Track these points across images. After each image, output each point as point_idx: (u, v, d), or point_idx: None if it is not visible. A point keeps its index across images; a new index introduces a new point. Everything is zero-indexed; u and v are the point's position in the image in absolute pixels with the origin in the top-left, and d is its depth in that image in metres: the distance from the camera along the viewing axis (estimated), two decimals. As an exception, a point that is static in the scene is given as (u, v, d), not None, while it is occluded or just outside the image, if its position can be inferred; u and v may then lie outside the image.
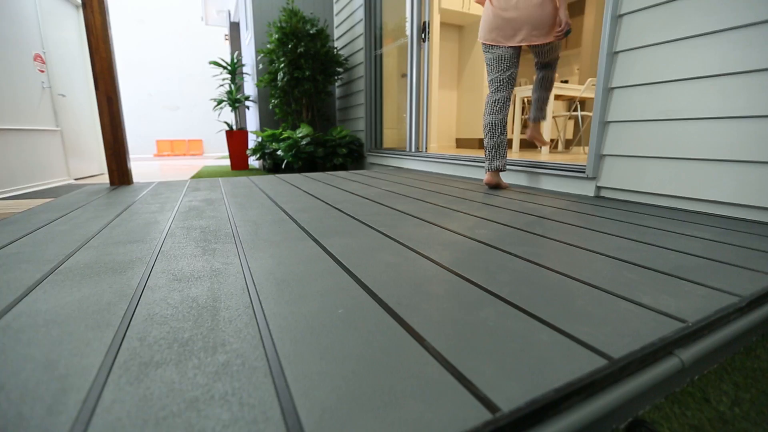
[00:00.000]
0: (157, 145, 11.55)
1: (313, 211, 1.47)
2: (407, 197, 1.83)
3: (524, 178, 2.21)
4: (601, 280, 0.77)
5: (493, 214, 1.43)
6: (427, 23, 3.11)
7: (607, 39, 1.67)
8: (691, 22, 1.41)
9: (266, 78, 4.24)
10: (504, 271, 0.82)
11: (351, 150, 4.13)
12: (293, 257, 0.91)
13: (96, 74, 2.35)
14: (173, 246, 1.02)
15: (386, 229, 1.19)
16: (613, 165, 1.73)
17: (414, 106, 3.29)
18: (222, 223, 1.30)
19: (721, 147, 1.37)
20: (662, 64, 1.51)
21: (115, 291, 0.72)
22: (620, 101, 1.67)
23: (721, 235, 1.14)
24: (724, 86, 1.35)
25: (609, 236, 1.11)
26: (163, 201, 1.78)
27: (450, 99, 5.85)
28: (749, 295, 0.72)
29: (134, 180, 2.71)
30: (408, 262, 0.87)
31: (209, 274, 0.80)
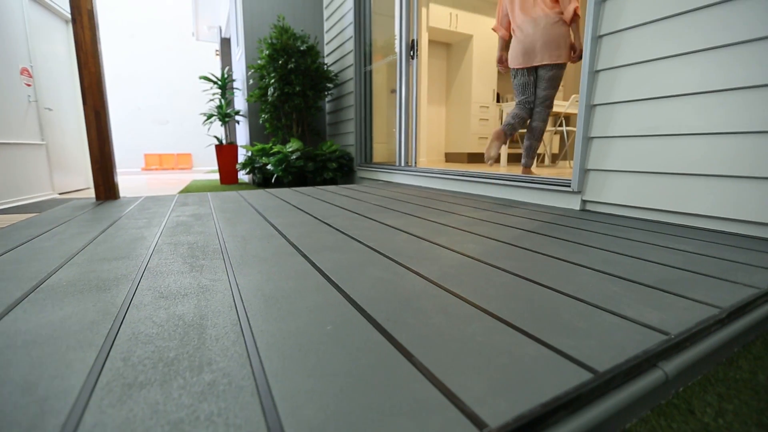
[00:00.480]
0: (145, 159, 11.44)
1: (302, 226, 1.47)
2: (396, 212, 1.84)
3: (512, 192, 2.25)
4: (587, 294, 0.78)
5: (481, 228, 1.45)
6: (415, 41, 3.18)
7: (588, 58, 1.73)
8: (667, 43, 1.48)
9: (257, 93, 4.27)
10: (491, 285, 0.83)
11: (341, 164, 4.15)
12: (282, 273, 0.91)
13: (84, 89, 2.34)
14: (160, 262, 1.01)
15: (375, 243, 1.20)
16: (597, 179, 1.77)
17: (403, 121, 3.34)
18: (210, 238, 1.29)
19: (699, 162, 1.42)
20: (641, 82, 1.57)
21: (99, 309, 0.71)
22: (602, 118, 1.73)
23: (701, 247, 1.17)
24: (700, 104, 1.41)
25: (594, 249, 1.13)
26: (150, 216, 1.76)
27: (439, 114, 5.95)
28: (729, 306, 0.74)
29: (121, 194, 2.68)
30: (396, 278, 0.87)
31: (196, 291, 0.79)
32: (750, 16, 1.26)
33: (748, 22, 1.27)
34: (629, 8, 1.58)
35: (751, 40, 1.27)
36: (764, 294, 0.83)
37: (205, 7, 7.98)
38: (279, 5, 4.63)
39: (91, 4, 2.32)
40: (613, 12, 1.65)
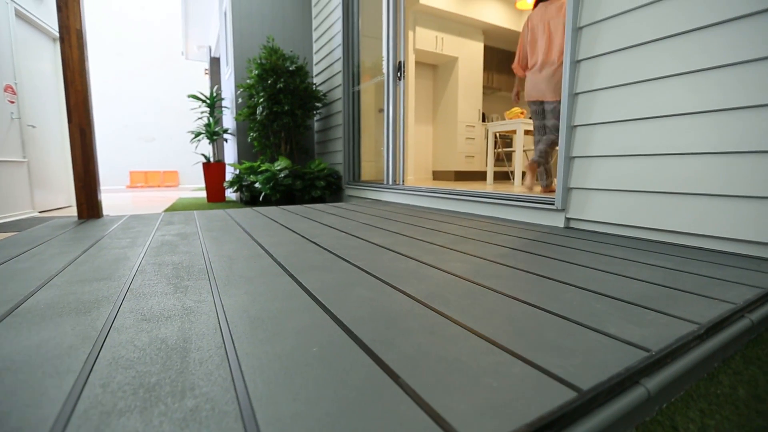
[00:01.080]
0: (131, 177, 11.29)
1: (289, 246, 1.47)
2: (384, 230, 1.85)
3: (498, 210, 2.28)
4: (571, 311, 0.80)
5: (468, 246, 1.47)
6: (402, 63, 3.27)
7: (568, 81, 1.80)
8: (640, 68, 1.55)
9: (245, 112, 4.30)
10: (477, 304, 0.84)
11: (329, 182, 4.17)
12: (268, 294, 0.90)
13: (70, 107, 2.32)
14: (143, 283, 0.99)
15: (363, 263, 1.20)
16: (579, 197, 1.82)
17: (391, 140, 3.39)
18: (196, 258, 1.27)
19: (675, 181, 1.47)
20: (618, 105, 1.64)
21: (78, 333, 0.69)
22: (583, 138, 1.79)
23: (680, 263, 1.21)
24: (674, 126, 1.47)
25: (578, 267, 1.16)
26: (134, 235, 1.73)
27: (426, 133, 6.06)
28: (707, 322, 0.76)
29: (104, 213, 2.63)
30: (384, 297, 0.88)
31: (180, 313, 0.78)
32: (719, 43, 1.34)
33: (716, 49, 1.34)
34: (604, 35, 1.67)
35: (720, 66, 1.34)
36: (740, 309, 0.86)
37: (195, 27, 8.07)
38: (269, 26, 4.71)
39: (80, 23, 2.33)
40: (589, 38, 1.73)
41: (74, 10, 2.31)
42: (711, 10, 1.34)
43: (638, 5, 1.54)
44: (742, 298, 0.90)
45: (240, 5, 4.53)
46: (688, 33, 1.41)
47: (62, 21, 2.29)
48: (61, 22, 2.29)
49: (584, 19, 1.74)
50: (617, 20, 1.62)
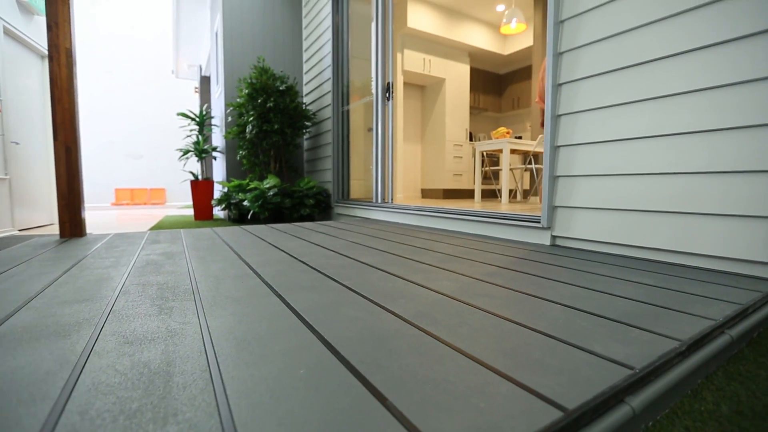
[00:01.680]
0: (116, 194, 11.11)
1: (277, 265, 1.46)
2: (373, 249, 1.85)
3: (486, 228, 2.31)
4: (557, 330, 0.81)
5: (456, 265, 1.48)
6: (390, 84, 3.34)
7: (550, 104, 1.87)
8: (618, 92, 1.62)
9: (235, 130, 4.31)
10: (464, 324, 0.84)
11: (318, 201, 4.17)
12: (255, 315, 0.89)
13: (56, 124, 2.30)
14: (126, 305, 0.97)
15: (351, 282, 1.19)
16: (564, 216, 1.86)
17: (380, 159, 3.43)
18: (181, 278, 1.25)
19: (654, 199, 1.52)
20: (598, 126, 1.70)
21: (56, 358, 0.67)
22: (566, 158, 1.84)
23: (662, 280, 1.23)
24: (651, 146, 1.53)
25: (564, 285, 1.17)
26: (118, 255, 1.70)
27: (415, 152, 6.14)
28: (688, 339, 0.78)
29: (88, 231, 2.57)
30: (372, 317, 0.87)
31: (164, 336, 0.76)
32: (690, 70, 1.41)
33: (687, 76, 1.42)
34: (583, 61, 1.74)
35: (692, 91, 1.41)
36: (721, 325, 0.88)
37: (186, 47, 8.15)
38: (260, 47, 4.79)
39: (69, 42, 2.34)
40: (569, 63, 1.80)
41: (64, 29, 2.32)
42: (682, 38, 1.42)
43: (613, 33, 1.62)
44: (721, 315, 0.92)
45: (231, 26, 4.61)
46: (661, 60, 1.48)
47: (52, 40, 2.30)
48: (51, 41, 2.30)
49: (563, 45, 1.82)
50: (594, 47, 1.70)
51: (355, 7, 4.02)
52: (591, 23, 1.71)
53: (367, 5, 3.77)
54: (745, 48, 1.28)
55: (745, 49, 1.28)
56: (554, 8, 1.84)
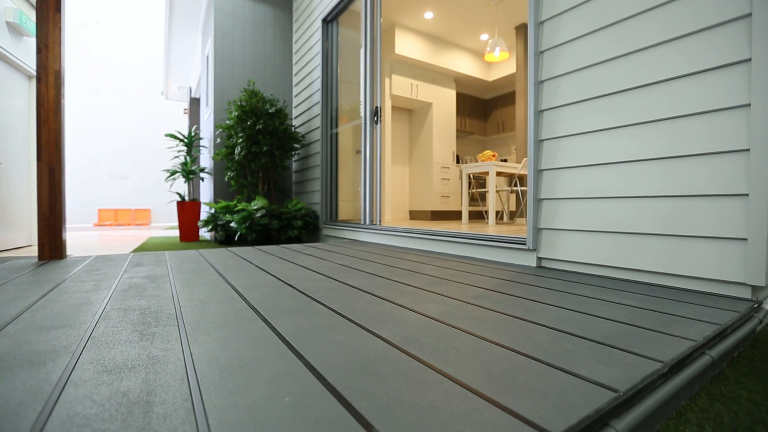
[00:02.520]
0: (99, 214, 10.88)
1: (264, 288, 1.44)
2: (360, 271, 1.85)
3: (473, 250, 2.33)
4: (543, 353, 0.81)
5: (443, 287, 1.48)
6: (379, 108, 3.42)
7: (533, 129, 1.93)
8: (596, 119, 1.69)
9: (223, 151, 4.31)
10: (451, 347, 0.84)
11: (306, 222, 4.16)
12: (240, 340, 0.87)
13: (41, 144, 2.28)
14: (106, 331, 0.94)
15: (338, 306, 1.19)
16: (549, 238, 1.89)
17: (368, 181, 3.46)
18: (165, 302, 1.23)
19: (633, 222, 1.57)
20: (578, 151, 1.76)
21: (30, 388, 0.65)
22: (549, 181, 1.89)
23: (644, 301, 1.26)
24: (628, 171, 1.59)
25: (549, 306, 1.19)
26: (99, 278, 1.66)
27: (403, 174, 6.21)
28: (670, 360, 0.79)
29: (68, 253, 2.50)
30: (359, 342, 0.87)
31: (145, 363, 0.74)
32: (657, 100, 1.49)
33: (655, 105, 1.49)
34: (562, 89, 1.82)
35: (660, 120, 1.48)
36: (701, 346, 0.90)
37: (176, 69, 8.22)
38: (250, 70, 4.86)
39: (59, 64, 2.35)
40: (550, 91, 1.88)
41: (54, 51, 2.33)
42: (650, 71, 1.50)
43: (589, 64, 1.71)
44: (701, 335, 0.94)
45: (222, 50, 4.69)
46: (632, 90, 1.56)
47: (41, 62, 2.30)
48: (40, 63, 2.30)
49: (544, 74, 1.90)
50: (572, 76, 1.78)
51: (345, 33, 4.15)
52: (568, 54, 1.80)
53: (356, 32, 3.89)
54: (704, 80, 1.36)
55: (704, 82, 1.36)
56: (534, 40, 1.93)
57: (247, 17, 4.84)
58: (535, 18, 1.93)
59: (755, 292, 1.30)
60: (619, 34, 1.61)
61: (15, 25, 3.94)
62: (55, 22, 2.33)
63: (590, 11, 1.71)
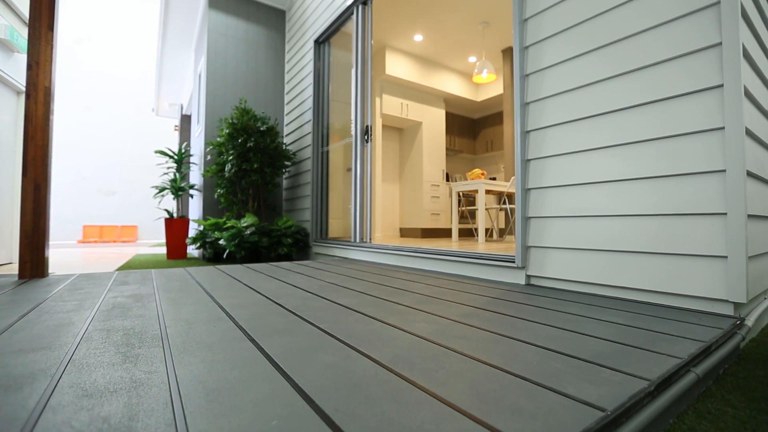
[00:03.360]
0: (84, 231, 10.65)
1: (252, 307, 1.42)
2: (350, 290, 1.84)
3: (462, 268, 2.34)
4: (531, 372, 0.81)
5: (433, 306, 1.48)
6: (369, 126, 3.47)
7: (520, 149, 1.98)
8: (581, 140, 1.74)
9: (213, 168, 4.30)
10: (441, 367, 0.84)
11: (296, 240, 4.14)
12: (227, 361, 0.86)
13: (27, 160, 2.25)
14: (88, 353, 0.92)
15: (327, 325, 1.18)
16: (537, 255, 1.92)
17: (358, 199, 3.48)
18: (150, 323, 1.20)
19: (619, 240, 1.60)
20: (564, 171, 1.80)
21: (5, 414, 0.62)
22: (536, 200, 1.93)
23: (631, 319, 1.27)
24: (612, 190, 1.63)
25: (538, 325, 1.19)
26: (81, 297, 1.62)
27: (393, 191, 6.25)
28: (656, 378, 0.80)
29: (50, 271, 2.44)
30: (348, 362, 0.86)
31: (128, 387, 0.73)
32: (640, 121, 1.55)
33: (634, 128, 1.55)
34: (548, 111, 1.88)
35: (639, 141, 1.54)
36: (686, 363, 0.91)
37: (168, 86, 8.25)
38: (242, 88, 4.91)
39: (49, 81, 2.34)
40: (535, 113, 1.94)
41: (45, 68, 2.33)
42: (629, 95, 1.57)
43: (573, 87, 1.77)
44: (686, 353, 0.95)
45: (215, 68, 4.73)
46: (614, 112, 1.62)
47: (31, 78, 2.30)
48: (30, 80, 2.29)
49: (529, 97, 1.97)
50: (557, 98, 1.84)
51: (336, 54, 4.24)
52: (552, 78, 1.86)
53: (347, 53, 3.97)
54: (679, 104, 1.42)
55: (679, 106, 1.42)
56: (519, 63, 2.00)
57: (240, 37, 4.92)
58: (521, 43, 2.01)
59: (737, 308, 1.33)
60: (600, 60, 1.68)
61: (5, 41, 3.94)
62: (47, 40, 2.34)
63: (572, 37, 1.79)
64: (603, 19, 1.68)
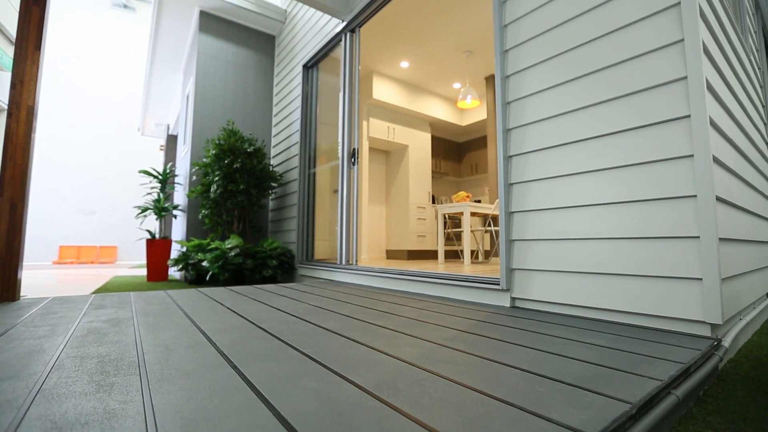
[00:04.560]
0: (60, 252, 10.30)
1: (234, 332, 1.39)
2: (335, 313, 1.82)
3: (448, 290, 2.35)
4: (516, 397, 0.81)
5: (418, 330, 1.47)
6: (356, 149, 3.51)
7: (503, 174, 2.03)
8: (561, 165, 1.81)
9: (198, 189, 4.26)
10: (425, 393, 0.83)
11: (282, 261, 4.09)
12: (207, 389, 0.83)
13: (5, 180, 2.19)
14: (59, 382, 0.88)
15: (312, 350, 1.16)
16: (521, 278, 1.94)
17: (344, 221, 3.48)
18: (127, 349, 1.16)
19: (600, 262, 1.64)
20: (546, 195, 1.86)
21: (-32, 450, 0.59)
22: (520, 223, 1.97)
23: (614, 341, 1.29)
24: (592, 214, 1.68)
25: (523, 348, 1.20)
26: (55, 322, 1.55)
27: (379, 213, 6.28)
28: (638, 401, 0.81)
29: (22, 294, 2.34)
30: (332, 389, 0.84)
31: (101, 418, 0.70)
32: (615, 148, 1.62)
33: (610, 154, 1.62)
34: (529, 137, 1.95)
35: (616, 167, 1.60)
36: (667, 386, 0.92)
37: (155, 106, 8.24)
38: (230, 110, 4.94)
39: (33, 100, 2.32)
40: (518, 138, 2.00)
41: (29, 87, 2.31)
42: (600, 125, 1.64)
43: (551, 115, 1.85)
44: (667, 375, 0.97)
45: (204, 90, 4.76)
46: (591, 139, 1.69)
47: (14, 97, 2.27)
48: (13, 99, 2.27)
49: (511, 123, 2.04)
50: (536, 125, 1.91)
51: (324, 78, 4.33)
52: (533, 106, 1.94)
53: (335, 77, 4.07)
54: (652, 133, 1.50)
55: (651, 134, 1.49)
56: (501, 92, 2.08)
57: (229, 60, 4.99)
58: (502, 72, 2.10)
59: (714, 330, 1.36)
60: (576, 90, 1.76)
61: (-11, 60, 3.90)
62: (33, 59, 2.33)
63: (550, 68, 1.88)
64: (580, 51, 1.77)
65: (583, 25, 1.77)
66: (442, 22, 4.48)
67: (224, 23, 5.00)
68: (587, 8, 1.75)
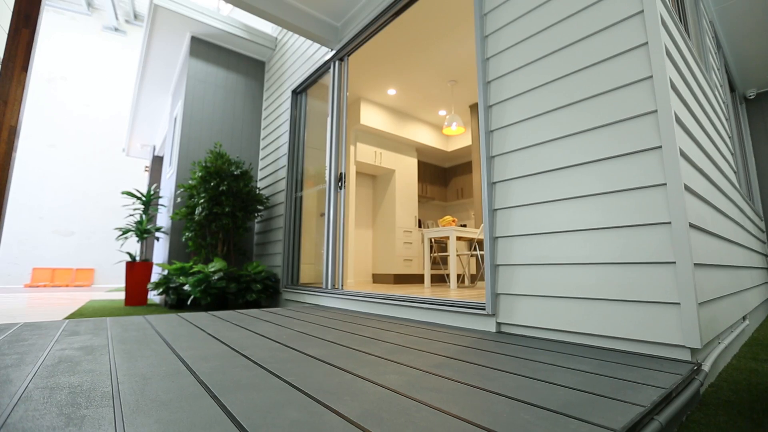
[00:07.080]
0: (33, 274, 9.90)
1: (215, 360, 1.35)
2: (320, 339, 1.79)
3: (434, 315, 2.34)
4: (501, 425, 0.81)
5: (404, 356, 1.46)
6: (343, 174, 3.55)
7: (487, 199, 2.08)
8: (542, 192, 1.86)
9: (183, 211, 4.21)
10: (410, 423, 0.82)
11: (266, 286, 4.02)
12: (185, 421, 0.80)
13: (-22, 203, 2.13)
14: (25, 415, 0.84)
15: (295, 378, 1.13)
16: (507, 303, 1.95)
17: (331, 245, 3.47)
18: (100, 379, 1.11)
19: (581, 287, 1.66)
20: (529, 220, 1.90)
21: None
22: (504, 248, 2.00)
23: (597, 366, 1.30)
24: (573, 240, 1.72)
25: (508, 375, 1.20)
26: (24, 350, 1.48)
27: (366, 237, 6.28)
28: (621, 428, 0.81)
29: (-11, 322, 2.23)
30: (315, 419, 0.82)
31: (70, 454, 0.66)
32: (593, 176, 1.68)
33: (589, 181, 1.68)
34: (511, 164, 2.01)
35: (595, 194, 1.66)
36: (649, 412, 0.93)
37: (141, 127, 8.20)
38: (217, 133, 4.95)
39: (16, 120, 2.29)
40: (500, 165, 2.06)
41: (13, 108, 2.29)
42: (579, 152, 1.71)
43: (532, 144, 1.92)
44: (649, 400, 0.98)
45: (192, 112, 4.78)
46: (571, 167, 1.76)
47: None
48: (-6, 120, 2.24)
49: (494, 151, 2.10)
50: (518, 153, 1.98)
51: (313, 104, 4.41)
52: (515, 134, 2.01)
53: (323, 103, 4.15)
54: (629, 162, 1.57)
55: (628, 163, 1.56)
56: (484, 120, 2.16)
57: (219, 84, 5.05)
58: (485, 102, 2.18)
59: (694, 354, 1.39)
60: (557, 120, 1.84)
61: (-28, 79, 3.85)
62: (19, 81, 2.32)
63: (530, 99, 1.96)
64: (559, 83, 1.86)
65: (561, 58, 1.87)
66: (429, 52, 4.66)
67: (215, 48, 5.09)
68: (564, 44, 1.86)
